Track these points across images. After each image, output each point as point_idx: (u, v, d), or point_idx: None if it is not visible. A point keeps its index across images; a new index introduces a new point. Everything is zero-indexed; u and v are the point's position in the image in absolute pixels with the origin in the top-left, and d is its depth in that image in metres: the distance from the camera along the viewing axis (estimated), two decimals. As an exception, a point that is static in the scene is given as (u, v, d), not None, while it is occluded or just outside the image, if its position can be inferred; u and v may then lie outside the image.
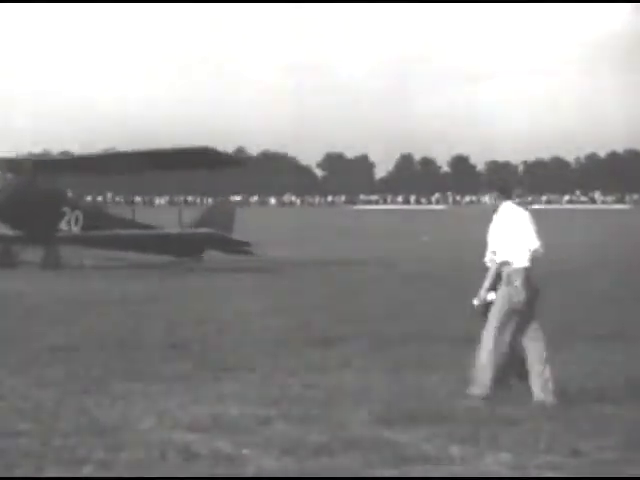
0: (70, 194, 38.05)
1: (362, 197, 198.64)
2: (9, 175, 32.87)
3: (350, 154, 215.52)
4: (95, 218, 32.63)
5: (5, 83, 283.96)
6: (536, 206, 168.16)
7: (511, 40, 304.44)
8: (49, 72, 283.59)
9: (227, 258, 33.25)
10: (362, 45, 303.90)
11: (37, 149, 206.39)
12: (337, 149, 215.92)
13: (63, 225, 31.52)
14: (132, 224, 33.56)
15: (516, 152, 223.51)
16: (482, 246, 10.61)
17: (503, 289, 10.34)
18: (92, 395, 10.55)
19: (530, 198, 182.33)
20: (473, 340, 10.67)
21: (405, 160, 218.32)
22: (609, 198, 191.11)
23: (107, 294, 21.64)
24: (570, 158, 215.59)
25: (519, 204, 10.69)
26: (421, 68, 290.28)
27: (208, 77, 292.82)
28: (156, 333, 15.30)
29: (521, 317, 10.30)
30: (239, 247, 32.96)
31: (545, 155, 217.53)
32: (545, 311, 10.80)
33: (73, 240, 31.49)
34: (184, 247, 32.77)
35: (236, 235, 33.51)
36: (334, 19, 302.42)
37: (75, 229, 31.73)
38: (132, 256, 31.91)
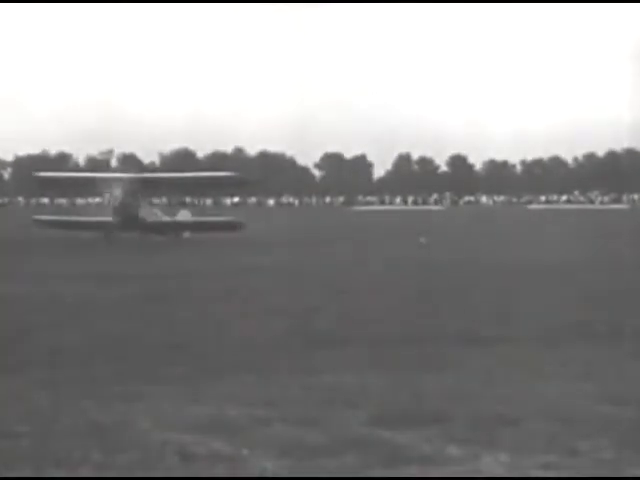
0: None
1: (360, 198, 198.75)
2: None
3: (348, 154, 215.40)
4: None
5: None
6: (534, 206, 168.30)
7: (509, 40, 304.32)
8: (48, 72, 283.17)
9: (228, 258, 33.54)
10: (362, 45, 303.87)
11: (36, 150, 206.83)
12: (335, 149, 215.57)
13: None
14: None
15: (514, 151, 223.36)
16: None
17: None
18: (90, 395, 10.55)
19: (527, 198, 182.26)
20: (473, 340, 10.67)
21: (403, 159, 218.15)
22: (606, 198, 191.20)
23: (105, 294, 21.63)
24: (568, 157, 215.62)
25: None
26: (420, 68, 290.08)
27: (207, 77, 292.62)
28: (155, 333, 15.30)
29: None
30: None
31: (543, 154, 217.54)
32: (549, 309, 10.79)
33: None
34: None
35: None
36: (334, 19, 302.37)
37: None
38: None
